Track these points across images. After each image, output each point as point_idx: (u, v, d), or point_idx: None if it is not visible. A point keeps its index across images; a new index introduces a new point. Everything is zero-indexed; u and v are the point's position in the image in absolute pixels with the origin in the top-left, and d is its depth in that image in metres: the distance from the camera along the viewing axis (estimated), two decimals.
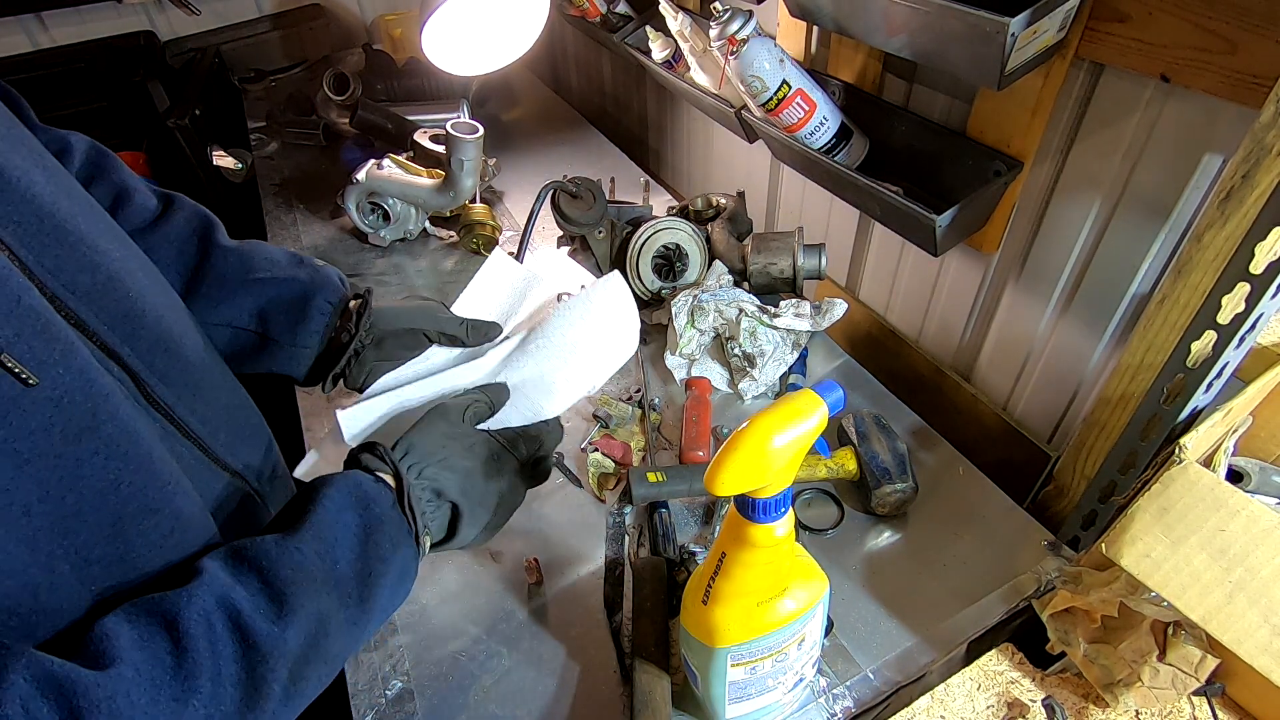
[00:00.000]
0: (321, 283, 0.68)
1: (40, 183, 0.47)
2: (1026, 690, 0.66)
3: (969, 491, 0.84)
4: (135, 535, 0.45)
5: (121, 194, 0.63)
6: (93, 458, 0.42)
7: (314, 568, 0.46)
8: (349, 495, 0.51)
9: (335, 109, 1.63)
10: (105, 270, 0.49)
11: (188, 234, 0.65)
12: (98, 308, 0.47)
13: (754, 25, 0.83)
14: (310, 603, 0.45)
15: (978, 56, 0.65)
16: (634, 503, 0.81)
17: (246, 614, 0.42)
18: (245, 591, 0.44)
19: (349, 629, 0.48)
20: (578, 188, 1.03)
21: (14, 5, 1.71)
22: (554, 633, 0.73)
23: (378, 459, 0.54)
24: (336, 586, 0.47)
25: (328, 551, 0.48)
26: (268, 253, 0.69)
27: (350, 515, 0.50)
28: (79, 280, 0.46)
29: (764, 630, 0.54)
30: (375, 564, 0.50)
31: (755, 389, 0.96)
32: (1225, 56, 0.57)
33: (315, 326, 0.67)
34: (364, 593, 0.49)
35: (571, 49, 1.97)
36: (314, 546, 0.47)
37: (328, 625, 0.46)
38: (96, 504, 0.42)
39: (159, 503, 0.46)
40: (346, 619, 0.48)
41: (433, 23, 0.98)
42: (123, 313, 0.49)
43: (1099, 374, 0.82)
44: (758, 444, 0.46)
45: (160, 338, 0.53)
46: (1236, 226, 0.54)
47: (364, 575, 0.49)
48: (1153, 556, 0.57)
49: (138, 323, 0.51)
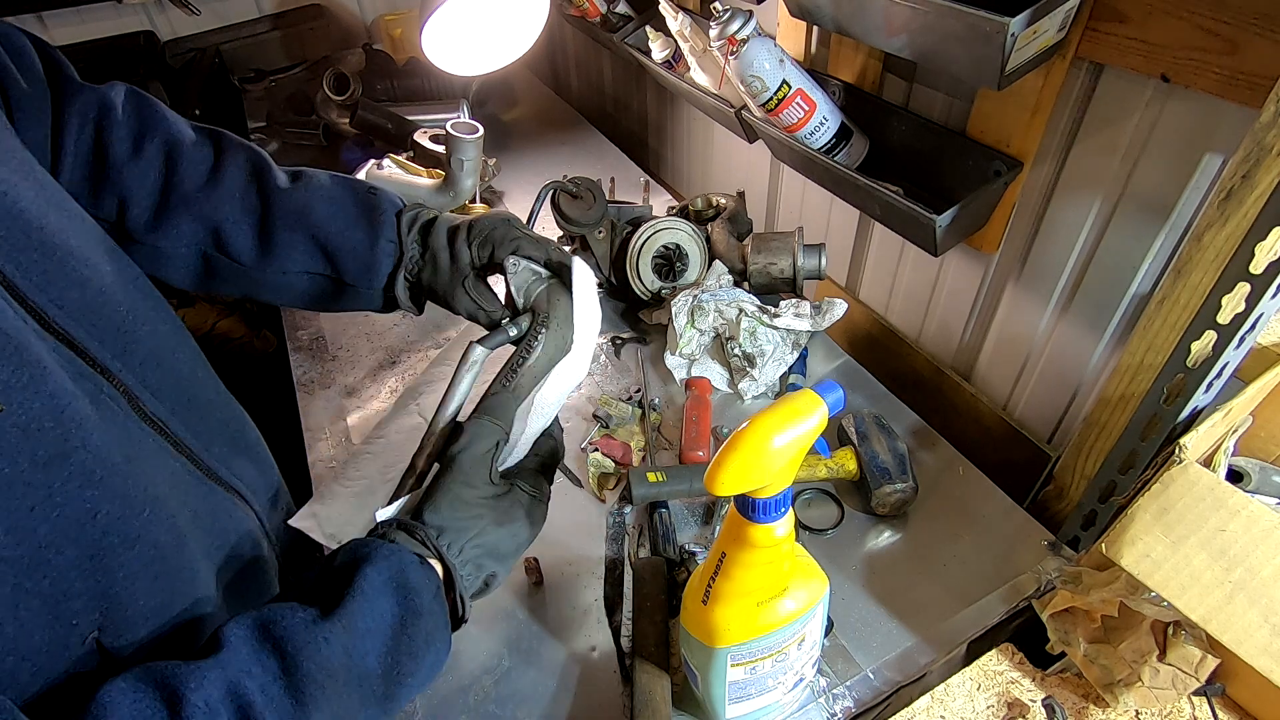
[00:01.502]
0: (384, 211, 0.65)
1: (28, 196, 0.46)
2: (1026, 690, 0.66)
3: (969, 491, 0.84)
4: (116, 568, 0.43)
5: (172, 150, 0.60)
6: (65, 485, 0.40)
7: (339, 663, 0.43)
8: (390, 580, 0.46)
9: (335, 109, 1.62)
10: (96, 285, 0.48)
11: (247, 182, 0.62)
12: (88, 324, 0.46)
13: (754, 25, 0.83)
14: (329, 705, 0.42)
15: (978, 56, 0.65)
16: (634, 503, 0.81)
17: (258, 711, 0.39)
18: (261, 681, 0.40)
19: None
20: (578, 188, 1.03)
21: (14, 5, 1.71)
22: (554, 633, 0.73)
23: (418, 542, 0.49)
24: (360, 685, 0.44)
25: (357, 645, 0.44)
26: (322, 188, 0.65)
27: (388, 603, 0.45)
28: (68, 295, 0.46)
29: (764, 630, 0.54)
30: (406, 660, 0.46)
31: (755, 389, 0.96)
32: (1225, 56, 0.57)
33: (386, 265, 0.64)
34: (389, 691, 0.45)
35: (571, 49, 1.97)
36: (344, 640, 0.43)
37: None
38: (73, 535, 0.40)
39: (138, 531, 0.45)
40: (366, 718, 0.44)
41: (433, 23, 0.98)
42: (115, 327, 0.49)
43: (1099, 374, 0.82)
44: (758, 444, 0.46)
45: (153, 351, 0.52)
46: (1236, 226, 0.53)
47: (392, 673, 0.45)
48: (1153, 556, 0.57)
49: (130, 338, 0.50)
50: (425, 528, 0.49)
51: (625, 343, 1.07)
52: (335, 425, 0.97)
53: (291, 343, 1.11)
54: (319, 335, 1.12)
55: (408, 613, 0.46)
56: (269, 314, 2.01)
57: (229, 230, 0.61)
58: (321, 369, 1.06)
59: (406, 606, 0.46)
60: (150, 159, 0.59)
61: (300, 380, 1.05)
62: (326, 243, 0.63)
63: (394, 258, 0.64)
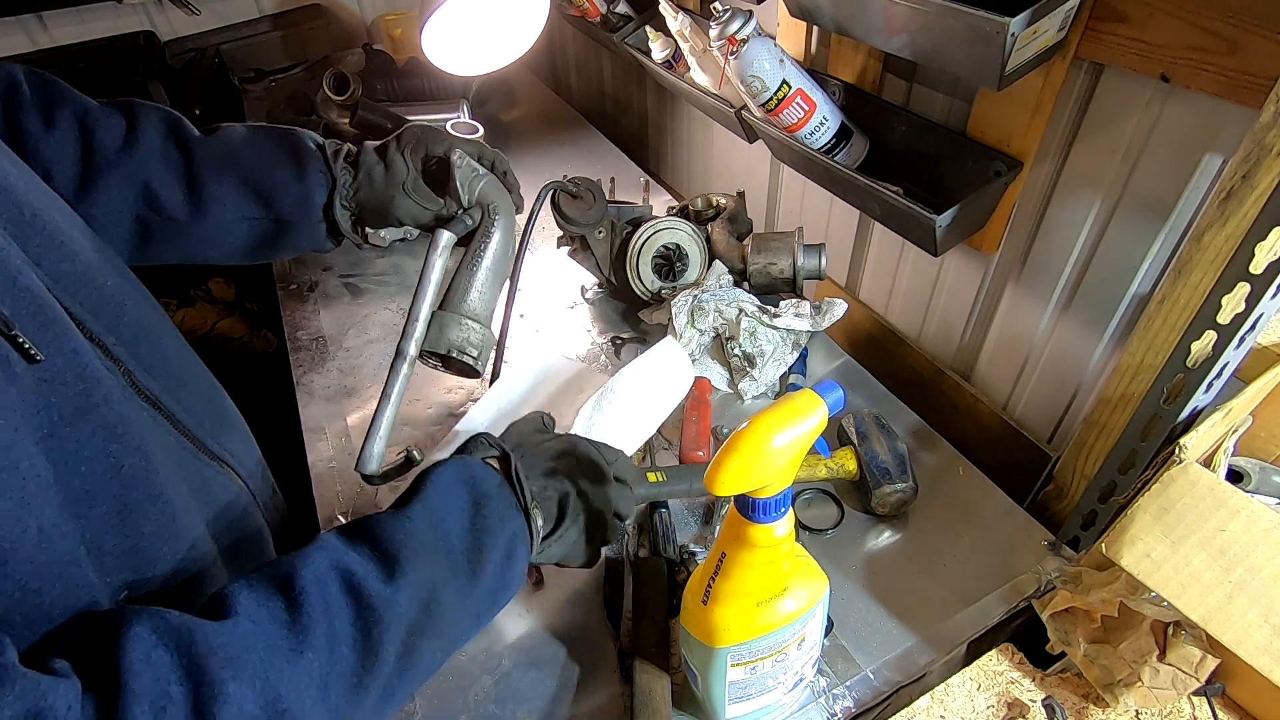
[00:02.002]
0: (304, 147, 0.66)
1: (13, 174, 0.46)
2: (1026, 690, 0.66)
3: (969, 491, 0.84)
4: (142, 523, 0.45)
5: (85, 116, 0.61)
6: (91, 439, 0.41)
7: (425, 536, 0.48)
8: (459, 473, 0.53)
9: (335, 109, 1.62)
10: (83, 260, 0.49)
11: (163, 139, 0.63)
12: (81, 296, 0.47)
13: (754, 25, 0.83)
14: (421, 568, 0.46)
15: (978, 56, 0.65)
16: (634, 502, 0.81)
17: (359, 576, 0.44)
18: (358, 556, 0.45)
19: (461, 602, 0.49)
20: (578, 188, 1.03)
21: (14, 5, 1.71)
22: (554, 633, 0.73)
23: (484, 445, 0.57)
24: (447, 556, 0.49)
25: (438, 523, 0.49)
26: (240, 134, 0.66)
27: (459, 490, 0.52)
28: (61, 269, 0.46)
29: (764, 630, 0.54)
30: (484, 535, 0.51)
31: (755, 389, 0.96)
32: (1225, 56, 0.57)
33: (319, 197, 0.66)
34: (474, 564, 0.50)
35: (571, 49, 1.97)
36: (425, 519, 0.49)
37: (439, 594, 0.47)
38: (102, 488, 0.42)
39: (158, 489, 0.46)
40: (457, 590, 0.49)
41: (433, 23, 0.98)
42: (104, 301, 0.49)
43: (1099, 374, 0.82)
44: (758, 444, 0.46)
45: (142, 328, 0.52)
46: (1236, 226, 0.53)
47: (474, 548, 0.50)
48: (1153, 556, 0.57)
49: (119, 312, 0.50)
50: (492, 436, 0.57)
51: (625, 343, 1.07)
52: (335, 425, 0.97)
53: (291, 343, 1.11)
54: (319, 335, 1.12)
55: (478, 495, 0.52)
56: (269, 314, 2.01)
57: (157, 186, 0.61)
58: (322, 369, 1.06)
59: (475, 490, 0.52)
60: (65, 129, 0.59)
61: (300, 380, 1.05)
62: (258, 185, 0.64)
63: (327, 186, 0.66)
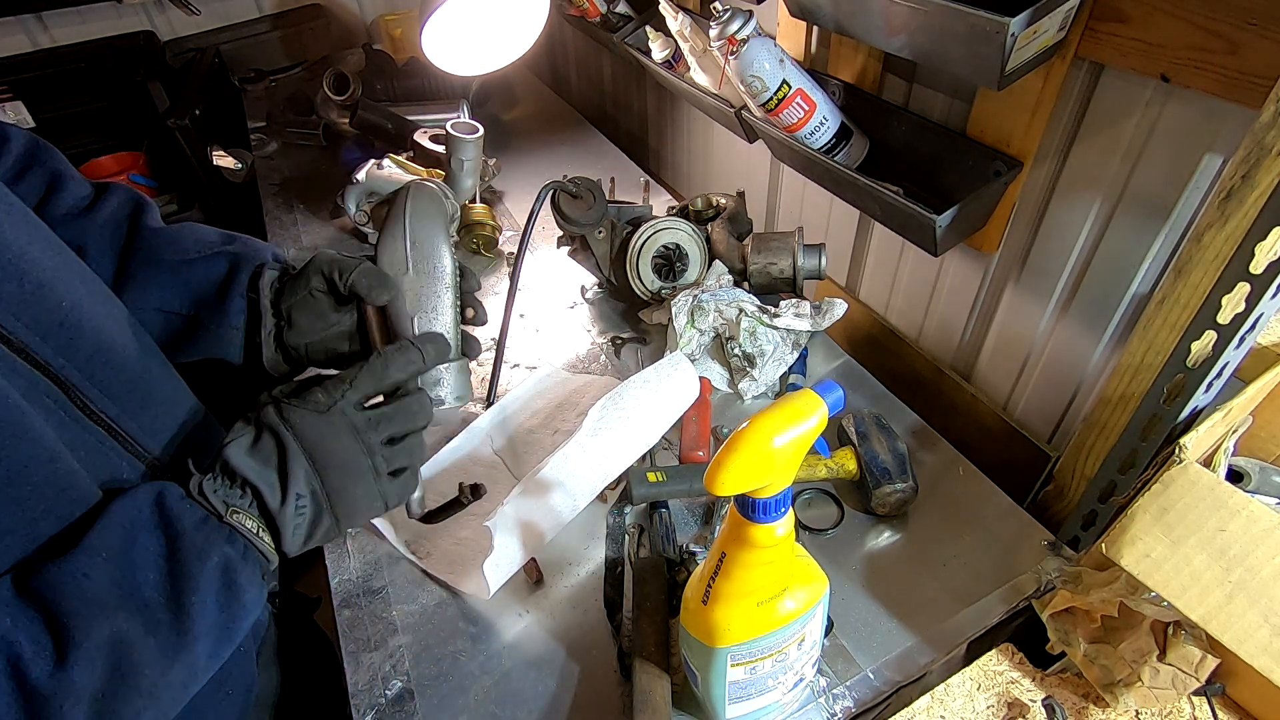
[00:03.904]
0: (248, 256, 0.64)
1: None
2: (1026, 690, 0.66)
3: (969, 491, 0.84)
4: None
5: (55, 180, 0.62)
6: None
7: (105, 593, 0.43)
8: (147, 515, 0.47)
9: (335, 109, 1.62)
10: (35, 279, 0.48)
11: (120, 218, 0.63)
12: (27, 317, 0.46)
13: (754, 25, 0.83)
14: (102, 630, 0.42)
15: (978, 56, 0.65)
16: (634, 503, 0.81)
17: (25, 659, 0.40)
18: (24, 632, 0.40)
19: (168, 657, 0.45)
20: (578, 188, 1.03)
21: (14, 5, 1.71)
22: (554, 633, 0.73)
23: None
24: (139, 612, 0.44)
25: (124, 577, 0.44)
26: (199, 233, 0.65)
27: (146, 536, 0.46)
28: (4, 288, 0.45)
29: (764, 630, 0.54)
30: (182, 581, 0.46)
31: (755, 389, 0.96)
32: (1225, 56, 0.57)
33: (238, 305, 0.63)
34: (177, 614, 0.45)
35: (571, 49, 1.97)
36: (106, 572, 0.43)
37: (132, 655, 0.43)
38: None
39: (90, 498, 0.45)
40: (159, 647, 0.44)
41: (433, 23, 0.98)
42: (56, 322, 0.48)
43: (1099, 374, 0.82)
44: (758, 444, 0.46)
45: (101, 348, 0.51)
46: (1236, 226, 0.53)
47: (172, 597, 0.45)
48: (1153, 556, 0.57)
49: (74, 332, 0.49)
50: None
51: (625, 343, 1.07)
52: None
53: None
54: None
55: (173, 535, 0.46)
56: None
57: (91, 256, 0.60)
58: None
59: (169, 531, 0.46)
60: (32, 185, 0.60)
61: None
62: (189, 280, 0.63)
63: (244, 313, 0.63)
